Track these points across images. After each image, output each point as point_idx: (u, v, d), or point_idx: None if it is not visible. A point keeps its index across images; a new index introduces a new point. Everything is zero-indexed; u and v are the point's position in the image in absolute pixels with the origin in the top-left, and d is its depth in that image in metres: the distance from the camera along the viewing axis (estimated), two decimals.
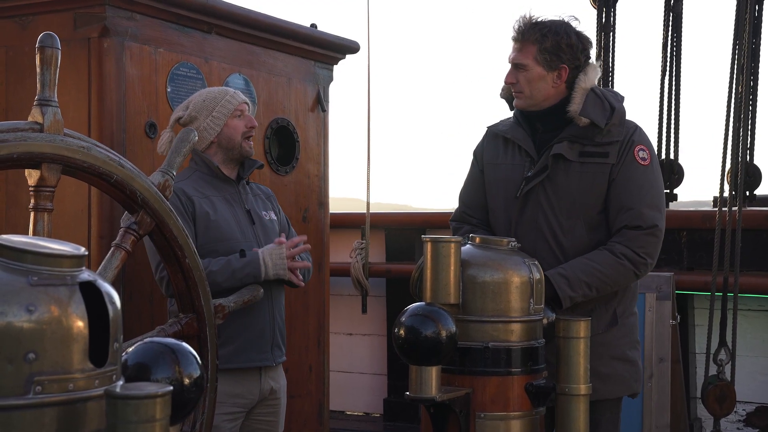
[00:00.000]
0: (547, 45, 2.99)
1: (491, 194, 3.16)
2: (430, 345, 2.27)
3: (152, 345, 1.62)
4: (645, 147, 3.05)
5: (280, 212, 3.55)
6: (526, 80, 3.03)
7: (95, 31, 3.41)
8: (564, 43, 3.00)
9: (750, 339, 5.24)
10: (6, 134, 2.19)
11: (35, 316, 1.29)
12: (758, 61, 4.93)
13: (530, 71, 3.02)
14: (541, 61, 3.00)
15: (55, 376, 1.29)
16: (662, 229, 3.03)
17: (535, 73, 3.01)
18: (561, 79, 3.03)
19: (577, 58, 3.03)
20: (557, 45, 3.00)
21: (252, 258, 3.20)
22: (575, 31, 3.05)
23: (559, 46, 3.00)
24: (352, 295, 5.99)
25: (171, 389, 1.28)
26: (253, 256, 3.21)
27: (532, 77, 3.02)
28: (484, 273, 2.48)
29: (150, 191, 2.45)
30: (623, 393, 3.11)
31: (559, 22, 3.04)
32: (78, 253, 1.38)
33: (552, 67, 3.01)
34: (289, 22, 4.21)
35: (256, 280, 3.18)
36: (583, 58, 3.05)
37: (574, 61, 3.02)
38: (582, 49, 3.04)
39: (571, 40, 3.01)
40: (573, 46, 3.02)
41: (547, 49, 2.99)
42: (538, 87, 3.03)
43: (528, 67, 3.02)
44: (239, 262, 3.19)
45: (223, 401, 3.19)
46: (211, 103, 3.32)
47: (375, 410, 6.30)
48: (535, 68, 3.01)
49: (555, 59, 3.00)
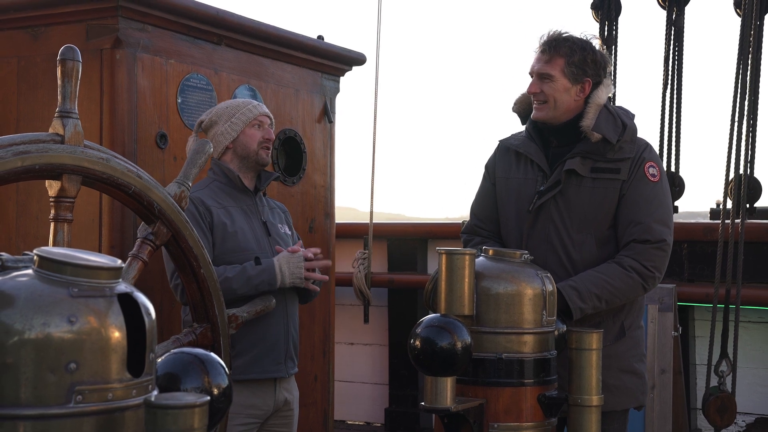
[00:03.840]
0: (575, 59, 3.08)
1: (503, 207, 3.20)
2: (446, 356, 2.30)
3: (182, 355, 1.64)
4: (655, 164, 3.11)
5: (292, 229, 3.58)
6: (551, 90, 3.10)
7: (108, 42, 3.44)
8: (590, 59, 3.10)
9: (750, 351, 5.27)
10: (28, 145, 2.22)
11: (76, 327, 1.31)
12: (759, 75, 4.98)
13: (556, 82, 3.09)
14: (567, 74, 3.09)
15: (95, 385, 1.32)
16: (670, 244, 3.08)
17: (561, 85, 3.09)
18: (584, 92, 3.11)
19: (599, 74, 3.13)
20: (584, 59, 3.09)
21: (268, 265, 3.22)
22: (598, 49, 3.17)
23: (585, 61, 3.09)
24: (354, 305, 6.02)
25: (209, 399, 1.31)
26: (269, 263, 3.23)
27: (557, 88, 3.09)
28: (498, 285, 2.51)
29: (167, 202, 2.47)
30: (630, 405, 3.15)
31: (584, 39, 3.15)
32: (115, 266, 1.40)
33: (577, 80, 3.10)
34: (297, 34, 4.24)
35: (271, 287, 3.19)
36: (603, 75, 3.14)
37: (597, 77, 3.12)
38: (604, 66, 3.14)
39: (596, 56, 3.12)
40: (597, 63, 3.12)
41: (574, 63, 3.09)
42: (562, 99, 3.10)
43: (555, 78, 3.09)
44: (254, 270, 3.20)
45: (239, 412, 3.21)
46: (233, 110, 3.38)
47: (376, 420, 6.32)
48: (561, 80, 3.09)
49: (580, 73, 3.09)
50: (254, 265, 3.21)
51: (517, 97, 3.29)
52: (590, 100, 3.10)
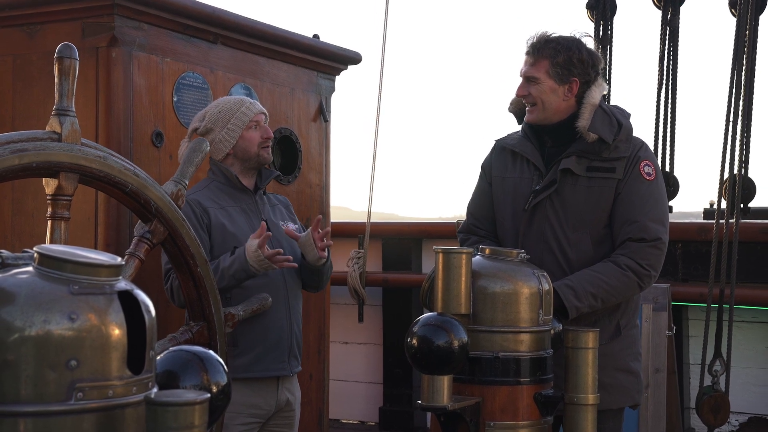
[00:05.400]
0: (559, 60, 3.07)
1: (499, 207, 3.21)
2: (443, 354, 2.30)
3: (181, 353, 1.65)
4: (650, 163, 3.12)
5: (297, 222, 3.56)
6: (538, 92, 3.09)
7: (104, 40, 3.44)
8: (575, 58, 3.09)
9: (744, 350, 5.29)
10: (25, 143, 2.21)
11: (77, 324, 1.31)
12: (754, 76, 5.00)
13: (542, 84, 3.09)
14: (552, 75, 3.08)
15: (95, 382, 1.32)
16: (665, 242, 3.08)
17: (547, 86, 3.08)
18: (572, 92, 3.10)
19: (587, 73, 3.11)
20: (569, 60, 3.08)
21: (238, 252, 3.14)
22: (586, 47, 3.15)
23: (570, 61, 3.08)
24: (348, 304, 6.02)
25: (209, 396, 1.31)
26: (240, 250, 3.15)
27: (543, 90, 3.09)
28: (495, 284, 2.52)
29: (163, 200, 2.47)
30: (626, 403, 3.16)
31: (571, 38, 3.13)
32: (116, 263, 1.40)
33: (563, 80, 3.08)
34: (293, 33, 4.25)
35: (248, 274, 3.12)
36: (593, 73, 3.13)
37: (585, 76, 3.10)
38: (592, 65, 3.12)
39: (582, 55, 3.10)
40: (584, 62, 3.10)
41: (559, 64, 3.08)
42: (549, 99, 3.09)
43: (540, 80, 3.09)
44: (227, 260, 3.13)
45: (240, 412, 3.19)
46: (227, 115, 3.33)
47: (370, 419, 6.32)
48: (546, 81, 3.08)
49: (566, 73, 3.08)
50: (228, 256, 3.14)
51: (513, 98, 3.30)
52: (584, 100, 3.09)
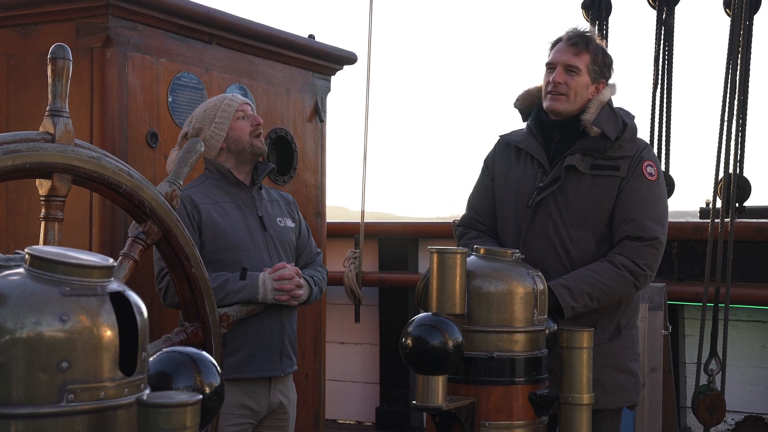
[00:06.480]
0: (598, 59, 3.16)
1: (501, 203, 3.21)
2: (437, 354, 2.30)
3: (173, 354, 1.64)
4: (653, 163, 3.14)
5: (300, 219, 3.55)
6: (575, 84, 3.14)
7: (98, 40, 3.43)
8: (609, 61, 3.20)
9: (739, 349, 5.30)
10: (18, 144, 2.21)
11: (68, 326, 1.31)
12: (748, 75, 5.00)
13: (581, 77, 3.14)
14: (590, 71, 3.15)
15: (86, 384, 1.32)
16: (663, 242, 3.09)
17: (583, 81, 3.15)
18: (597, 92, 3.17)
19: (610, 77, 3.21)
20: (604, 62, 3.18)
21: (251, 281, 3.16)
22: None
23: (605, 63, 3.18)
24: (345, 304, 6.02)
25: (201, 398, 1.31)
26: (252, 279, 3.16)
27: (580, 83, 3.14)
28: (489, 284, 2.51)
29: (158, 201, 2.47)
30: (624, 403, 3.16)
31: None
32: (107, 264, 1.40)
33: (596, 79, 3.17)
34: (288, 33, 4.24)
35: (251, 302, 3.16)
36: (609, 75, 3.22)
37: (609, 79, 3.21)
38: (612, 68, 3.23)
39: (609, 59, 3.21)
40: (609, 66, 3.20)
41: (597, 62, 3.16)
42: (581, 94, 3.15)
43: (581, 72, 3.14)
44: (237, 285, 3.14)
45: (231, 412, 3.18)
46: (212, 111, 3.33)
47: (367, 419, 6.32)
48: (585, 75, 3.15)
49: (600, 73, 3.17)
50: (238, 280, 3.15)
51: (520, 93, 3.30)
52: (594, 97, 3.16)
